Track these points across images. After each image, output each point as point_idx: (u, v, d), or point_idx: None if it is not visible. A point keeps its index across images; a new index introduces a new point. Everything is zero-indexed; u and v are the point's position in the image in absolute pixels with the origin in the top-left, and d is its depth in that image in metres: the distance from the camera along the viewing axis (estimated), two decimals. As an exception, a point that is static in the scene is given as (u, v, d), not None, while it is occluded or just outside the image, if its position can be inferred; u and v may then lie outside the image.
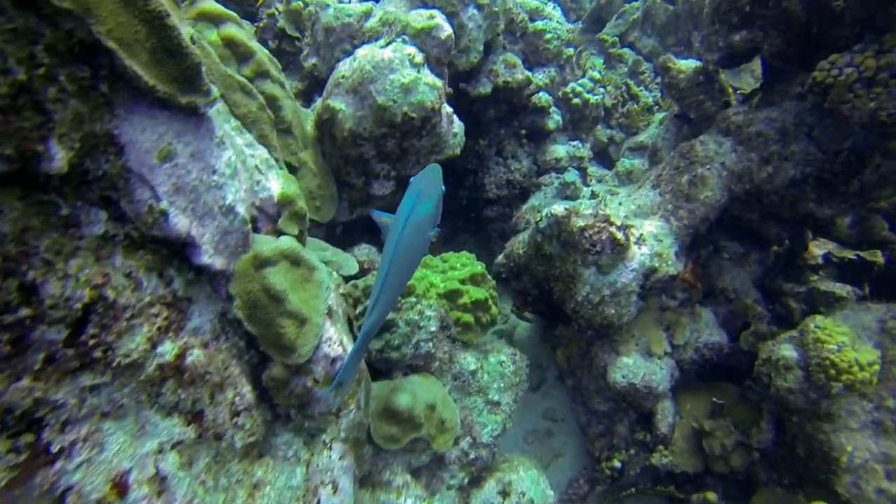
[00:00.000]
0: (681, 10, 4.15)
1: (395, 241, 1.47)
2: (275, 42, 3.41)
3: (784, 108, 2.46)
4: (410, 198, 1.50)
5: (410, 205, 1.49)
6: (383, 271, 1.48)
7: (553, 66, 3.39)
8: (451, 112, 2.44)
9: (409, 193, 1.52)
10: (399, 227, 1.47)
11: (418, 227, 1.50)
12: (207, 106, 1.31)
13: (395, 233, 1.48)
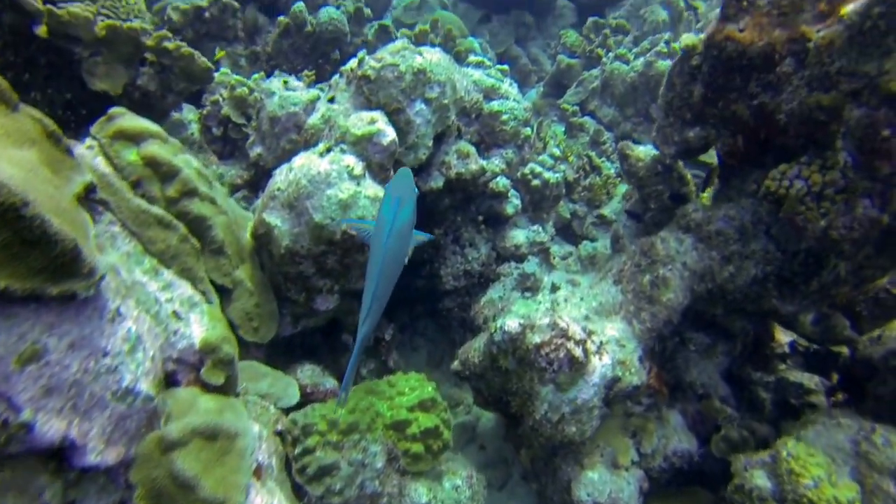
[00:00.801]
0: (638, 83, 4.14)
1: (382, 251, 1.55)
2: (219, 129, 3.27)
3: (741, 205, 2.39)
4: (390, 205, 1.59)
5: (392, 213, 1.58)
6: (373, 281, 1.55)
7: (511, 147, 3.30)
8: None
9: (388, 201, 1.62)
10: (384, 237, 1.56)
11: (402, 234, 1.60)
12: (91, 287, 1.14)
13: (380, 242, 1.56)
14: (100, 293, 1.17)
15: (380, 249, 1.57)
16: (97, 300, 1.16)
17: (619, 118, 4.32)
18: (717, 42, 2.17)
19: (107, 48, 2.71)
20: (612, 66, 4.36)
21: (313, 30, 4.12)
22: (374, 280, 1.56)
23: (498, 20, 5.81)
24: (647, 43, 4.21)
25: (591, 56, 5.00)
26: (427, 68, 2.43)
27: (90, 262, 1.08)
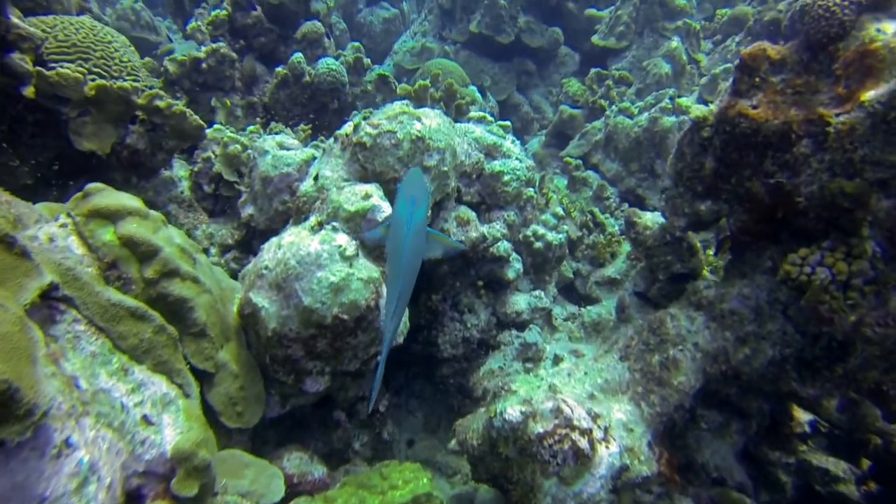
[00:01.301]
0: (642, 138, 4.06)
1: (403, 249, 1.59)
2: (211, 186, 3.17)
3: (756, 283, 2.26)
4: (406, 205, 1.65)
5: (408, 212, 1.64)
6: (397, 280, 1.60)
7: (512, 208, 3.19)
8: (392, 299, 2.17)
9: (402, 200, 1.67)
10: (405, 235, 1.60)
11: (419, 233, 1.65)
12: (28, 430, 0.99)
13: (401, 240, 1.60)
14: (41, 429, 1.03)
15: (401, 248, 1.61)
16: (37, 438, 1.03)
17: (623, 173, 4.23)
18: (729, 118, 2.07)
19: (96, 108, 2.62)
20: (616, 119, 4.29)
21: (311, 80, 4.05)
22: (397, 279, 1.60)
23: (500, 67, 5.78)
24: (651, 98, 4.15)
25: (594, 107, 4.95)
26: (426, 135, 2.33)
27: (28, 402, 0.95)
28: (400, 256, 1.60)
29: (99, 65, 2.78)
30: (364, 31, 7.01)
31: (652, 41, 5.16)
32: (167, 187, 2.98)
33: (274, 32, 4.24)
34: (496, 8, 5.46)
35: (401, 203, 1.69)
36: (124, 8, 6.68)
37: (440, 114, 2.58)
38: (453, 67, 4.94)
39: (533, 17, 5.84)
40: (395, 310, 1.58)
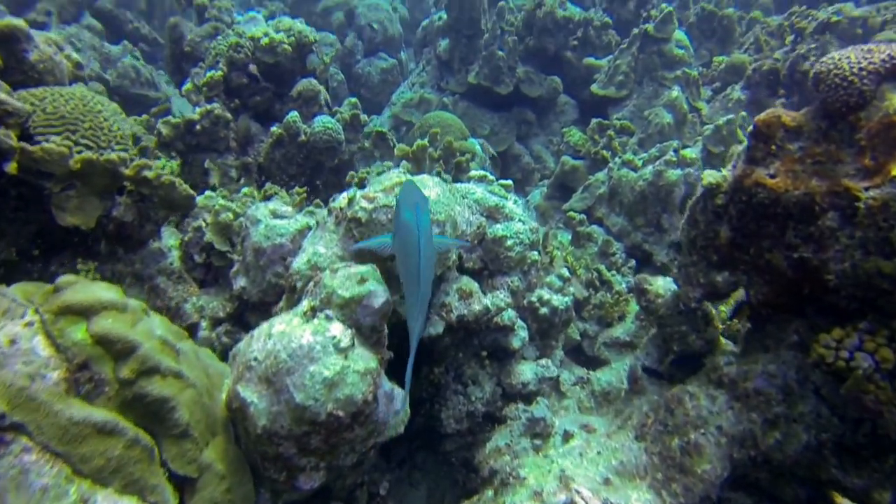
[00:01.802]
0: (647, 192, 3.95)
1: (418, 251, 1.67)
2: (202, 256, 3.04)
3: (782, 359, 2.10)
4: (409, 212, 1.75)
5: (415, 217, 1.73)
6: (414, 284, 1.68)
7: (516, 273, 3.05)
8: (391, 388, 2.01)
9: (405, 208, 1.78)
10: (417, 238, 1.69)
11: (428, 236, 1.75)
12: None
13: (413, 243, 1.69)
14: None
15: (415, 250, 1.68)
16: None
17: (629, 228, 4.11)
18: (746, 187, 1.95)
19: (81, 181, 2.51)
20: (620, 172, 4.19)
21: (307, 139, 3.98)
22: (415, 282, 1.68)
23: (499, 117, 5.74)
24: (655, 150, 4.06)
25: (597, 158, 4.86)
26: (425, 208, 2.21)
27: None
28: (417, 258, 1.67)
29: (87, 136, 2.69)
30: (362, 82, 7.03)
31: (652, 90, 5.12)
32: (155, 259, 2.86)
33: (269, 91, 4.19)
34: (494, 59, 5.45)
35: (404, 211, 1.78)
36: (125, 66, 6.73)
37: (439, 182, 2.47)
38: (452, 120, 4.88)
39: (531, 67, 5.83)
40: (417, 313, 1.69)
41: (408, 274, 1.76)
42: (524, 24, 5.74)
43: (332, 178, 4.33)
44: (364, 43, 7.10)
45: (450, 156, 3.62)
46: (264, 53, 3.99)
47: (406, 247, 1.73)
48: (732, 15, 6.07)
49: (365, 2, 7.35)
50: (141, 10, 7.12)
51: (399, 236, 1.80)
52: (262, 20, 4.45)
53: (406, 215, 1.77)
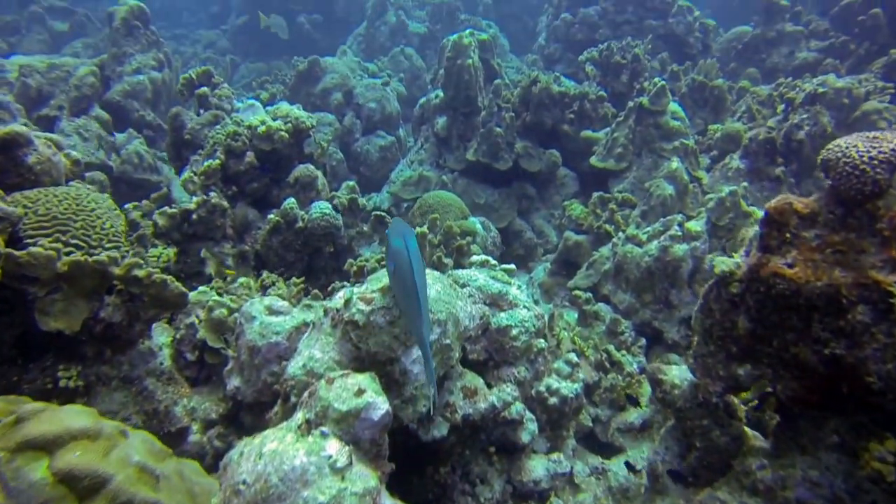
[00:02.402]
0: (654, 268, 3.85)
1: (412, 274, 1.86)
2: (194, 353, 2.91)
3: (824, 463, 1.92)
4: (399, 240, 1.94)
5: (405, 248, 1.90)
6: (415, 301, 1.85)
7: (522, 363, 2.90)
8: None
9: (395, 238, 1.98)
10: (407, 260, 1.88)
11: (420, 261, 1.95)
12: None
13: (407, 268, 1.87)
14: None
15: (408, 266, 1.86)
16: None
17: (637, 305, 3.99)
18: (762, 277, 1.84)
19: (68, 283, 2.42)
20: (625, 248, 4.11)
21: (304, 226, 3.92)
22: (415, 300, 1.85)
23: (499, 194, 5.73)
24: (659, 225, 3.99)
25: (600, 232, 4.80)
26: (424, 307, 2.09)
27: None
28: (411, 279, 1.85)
29: (78, 235, 2.62)
30: (361, 160, 7.09)
31: (651, 161, 5.12)
32: (145, 359, 2.73)
33: (267, 177, 4.18)
34: (492, 135, 5.49)
35: (394, 240, 1.98)
36: (129, 153, 6.83)
37: (439, 277, 2.38)
38: (451, 200, 4.85)
39: (530, 142, 5.87)
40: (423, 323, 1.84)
41: (407, 295, 1.90)
42: (520, 99, 5.83)
43: (332, 262, 4.26)
44: (362, 121, 7.22)
45: (450, 239, 3.55)
46: (261, 141, 3.99)
47: (400, 269, 1.91)
48: (723, 85, 6.18)
49: (363, 82, 7.53)
50: (147, 99, 7.30)
51: (392, 262, 1.97)
52: (260, 108, 4.50)
53: (396, 243, 1.95)
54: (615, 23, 8.18)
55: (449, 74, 5.59)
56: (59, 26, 11.77)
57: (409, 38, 10.47)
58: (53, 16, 11.82)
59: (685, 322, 3.88)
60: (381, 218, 4.17)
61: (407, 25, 10.57)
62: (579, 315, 4.15)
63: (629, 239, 4.21)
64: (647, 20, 7.94)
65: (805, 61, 7.22)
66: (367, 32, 10.74)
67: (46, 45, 11.48)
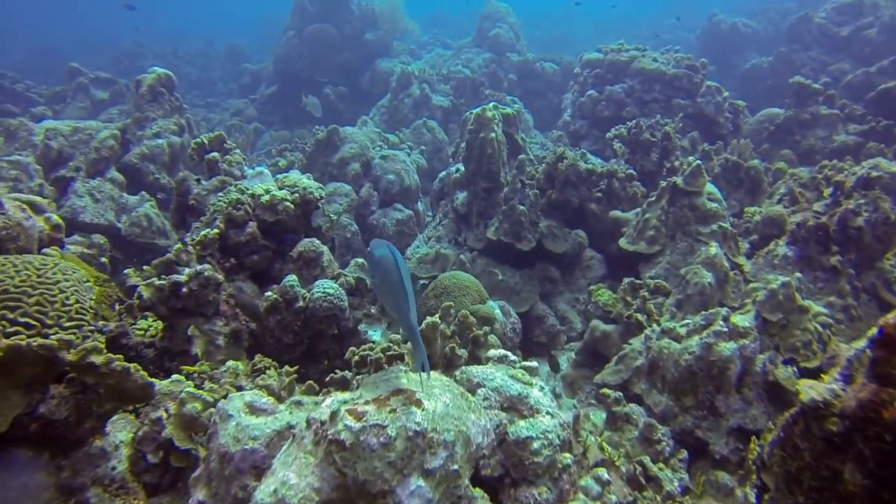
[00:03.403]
0: (696, 368, 3.36)
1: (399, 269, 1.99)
2: (157, 455, 2.46)
3: None
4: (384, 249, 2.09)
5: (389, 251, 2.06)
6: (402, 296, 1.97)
7: (544, 481, 2.40)
8: None
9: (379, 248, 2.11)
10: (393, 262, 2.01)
11: (404, 263, 2.06)
12: None
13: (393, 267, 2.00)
14: None
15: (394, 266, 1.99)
16: None
17: (676, 409, 3.46)
18: (885, 421, 1.37)
19: (2, 373, 2.03)
20: (660, 343, 3.63)
21: (305, 306, 3.54)
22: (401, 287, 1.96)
23: (521, 275, 5.32)
24: (700, 318, 3.52)
25: (630, 322, 4.34)
26: (428, 427, 1.66)
27: None
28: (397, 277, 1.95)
29: (31, 312, 2.26)
30: (377, 233, 6.79)
31: (686, 246, 4.70)
32: (93, 463, 2.29)
33: (269, 249, 3.84)
34: (515, 213, 5.15)
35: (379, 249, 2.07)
36: (139, 215, 6.64)
37: (449, 386, 1.95)
38: (469, 282, 4.46)
39: (554, 221, 5.52)
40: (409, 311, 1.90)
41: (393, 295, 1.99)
42: (546, 176, 5.53)
43: (335, 346, 3.84)
44: (380, 193, 6.98)
45: (465, 329, 3.13)
46: (265, 211, 3.69)
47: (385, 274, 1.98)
48: (759, 166, 5.83)
49: (382, 153, 7.35)
50: (164, 162, 7.18)
51: (376, 270, 2.06)
52: (268, 176, 4.25)
53: (381, 251, 2.05)
54: (642, 101, 8.01)
55: (471, 148, 5.34)
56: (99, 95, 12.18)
57: (432, 111, 10.44)
58: (97, 86, 12.30)
59: (735, 434, 3.34)
60: (389, 298, 3.78)
61: (430, 98, 10.58)
62: (608, 416, 3.63)
63: (665, 332, 3.74)
64: (676, 99, 7.75)
65: (845, 144, 6.89)
66: (390, 104, 10.76)
67: (87, 111, 11.87)
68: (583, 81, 8.79)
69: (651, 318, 4.24)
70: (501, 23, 13.78)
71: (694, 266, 4.24)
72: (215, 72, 19.99)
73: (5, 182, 6.40)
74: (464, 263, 5.17)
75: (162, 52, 20.67)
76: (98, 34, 23.50)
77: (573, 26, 25.07)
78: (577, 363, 4.57)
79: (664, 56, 8.18)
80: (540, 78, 12.72)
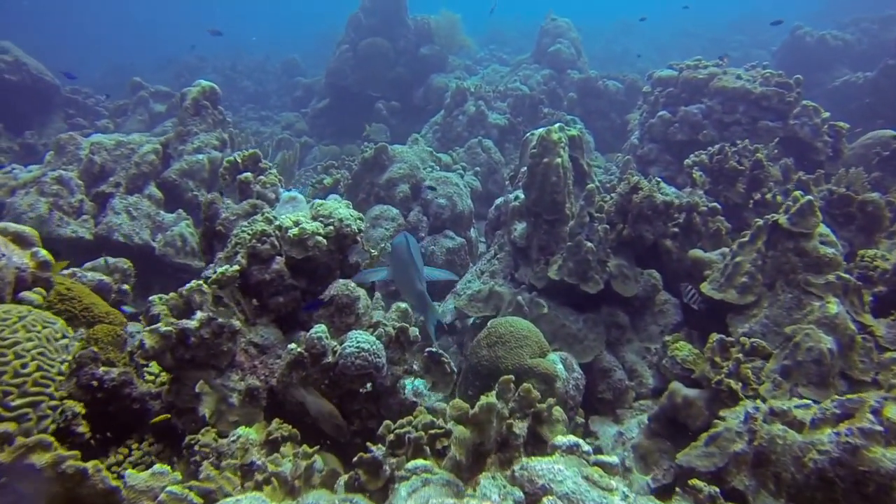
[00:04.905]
0: (833, 474, 2.59)
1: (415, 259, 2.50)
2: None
3: None
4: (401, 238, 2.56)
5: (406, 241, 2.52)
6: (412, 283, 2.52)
7: None
8: None
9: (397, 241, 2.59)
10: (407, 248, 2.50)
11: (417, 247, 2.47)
12: None
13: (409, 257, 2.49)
14: None
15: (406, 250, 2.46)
16: None
17: (794, 520, 2.70)
18: None
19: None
20: (771, 428, 2.89)
21: (335, 361, 2.97)
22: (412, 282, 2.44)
23: (584, 320, 4.63)
24: (831, 405, 2.75)
25: (720, 389, 3.58)
26: None
27: None
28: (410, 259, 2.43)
29: None
30: (425, 262, 6.22)
31: (791, 298, 3.91)
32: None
33: (297, 290, 3.30)
34: (581, 251, 4.47)
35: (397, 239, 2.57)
36: (173, 235, 6.30)
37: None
38: (528, 330, 3.82)
39: (625, 259, 4.81)
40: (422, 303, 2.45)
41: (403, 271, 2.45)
42: (617, 208, 4.83)
43: (369, 406, 3.25)
44: (430, 219, 6.41)
45: (526, 406, 2.49)
46: (292, 247, 3.16)
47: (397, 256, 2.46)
48: (878, 200, 4.94)
49: (433, 174, 6.80)
50: (203, 179, 6.86)
51: (391, 258, 2.50)
52: (302, 202, 3.73)
53: (397, 240, 2.50)
54: (722, 123, 7.19)
55: (533, 174, 4.70)
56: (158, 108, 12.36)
57: (487, 130, 9.87)
58: (157, 99, 12.55)
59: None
60: (436, 357, 3.17)
61: (486, 116, 10.01)
62: None
63: (776, 414, 2.98)
64: (763, 121, 6.89)
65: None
66: (444, 121, 10.25)
67: (145, 123, 12.05)
68: (653, 101, 8.03)
69: (748, 387, 3.48)
70: (562, 38, 13.14)
71: (806, 326, 3.46)
72: (270, 85, 20.11)
73: (47, 197, 6.17)
74: (521, 306, 4.52)
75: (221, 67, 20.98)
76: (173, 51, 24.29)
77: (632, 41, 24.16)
78: (652, 431, 3.84)
79: (749, 73, 7.35)
80: (602, 97, 11.98)
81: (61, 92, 11.71)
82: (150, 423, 2.97)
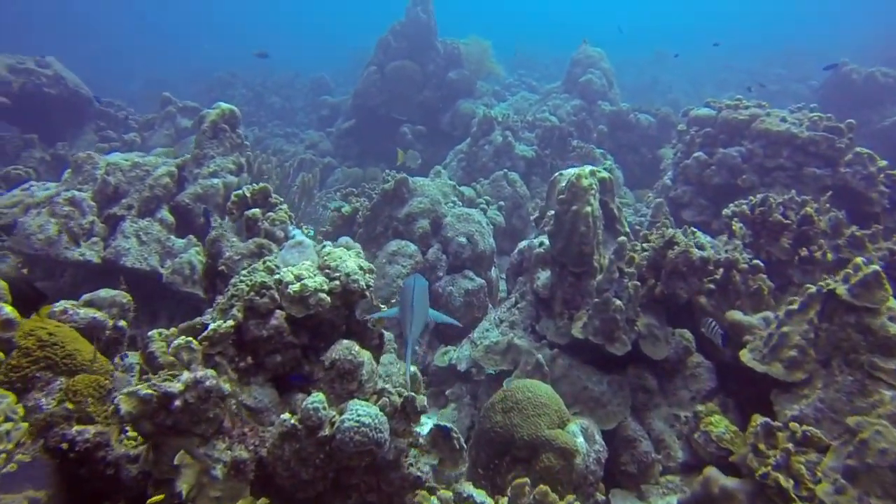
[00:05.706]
0: None
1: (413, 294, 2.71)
2: None
3: None
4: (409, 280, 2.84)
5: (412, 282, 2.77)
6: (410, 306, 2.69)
7: None
8: None
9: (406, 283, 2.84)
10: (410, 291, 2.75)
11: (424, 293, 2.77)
12: None
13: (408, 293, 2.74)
14: None
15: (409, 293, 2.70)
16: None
17: None
18: None
19: None
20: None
21: (332, 434, 2.66)
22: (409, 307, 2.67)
23: (608, 382, 4.25)
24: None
25: (766, 483, 3.17)
26: None
27: None
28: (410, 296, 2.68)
29: None
30: (442, 303, 5.90)
31: (853, 382, 3.48)
32: None
33: (297, 348, 3.01)
34: (609, 309, 4.11)
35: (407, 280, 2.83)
36: (182, 262, 6.08)
37: None
38: (547, 396, 3.47)
39: (655, 318, 4.44)
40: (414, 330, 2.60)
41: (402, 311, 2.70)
42: (649, 263, 4.47)
43: (369, 478, 2.93)
44: (449, 257, 6.10)
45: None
46: (292, 305, 2.87)
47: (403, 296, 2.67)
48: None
49: (455, 210, 6.51)
50: (217, 203, 6.65)
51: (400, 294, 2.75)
52: (309, 248, 3.45)
53: (407, 282, 2.76)
54: (764, 168, 6.79)
55: (560, 222, 4.37)
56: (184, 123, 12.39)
57: (514, 161, 9.58)
58: (184, 114, 12.61)
59: None
60: (445, 432, 2.84)
61: (513, 147, 9.72)
62: None
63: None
64: (809, 168, 6.47)
65: None
66: (469, 150, 9.99)
67: (171, 138, 12.10)
68: (689, 141, 7.66)
69: (801, 485, 3.07)
70: (594, 68, 12.85)
71: (876, 421, 3.04)
72: (297, 102, 20.16)
73: (58, 218, 6.01)
74: (541, 365, 4.16)
75: (251, 83, 21.11)
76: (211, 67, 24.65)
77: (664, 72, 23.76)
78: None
79: (795, 115, 6.95)
80: (633, 130, 11.63)
81: (94, 105, 11.79)
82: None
